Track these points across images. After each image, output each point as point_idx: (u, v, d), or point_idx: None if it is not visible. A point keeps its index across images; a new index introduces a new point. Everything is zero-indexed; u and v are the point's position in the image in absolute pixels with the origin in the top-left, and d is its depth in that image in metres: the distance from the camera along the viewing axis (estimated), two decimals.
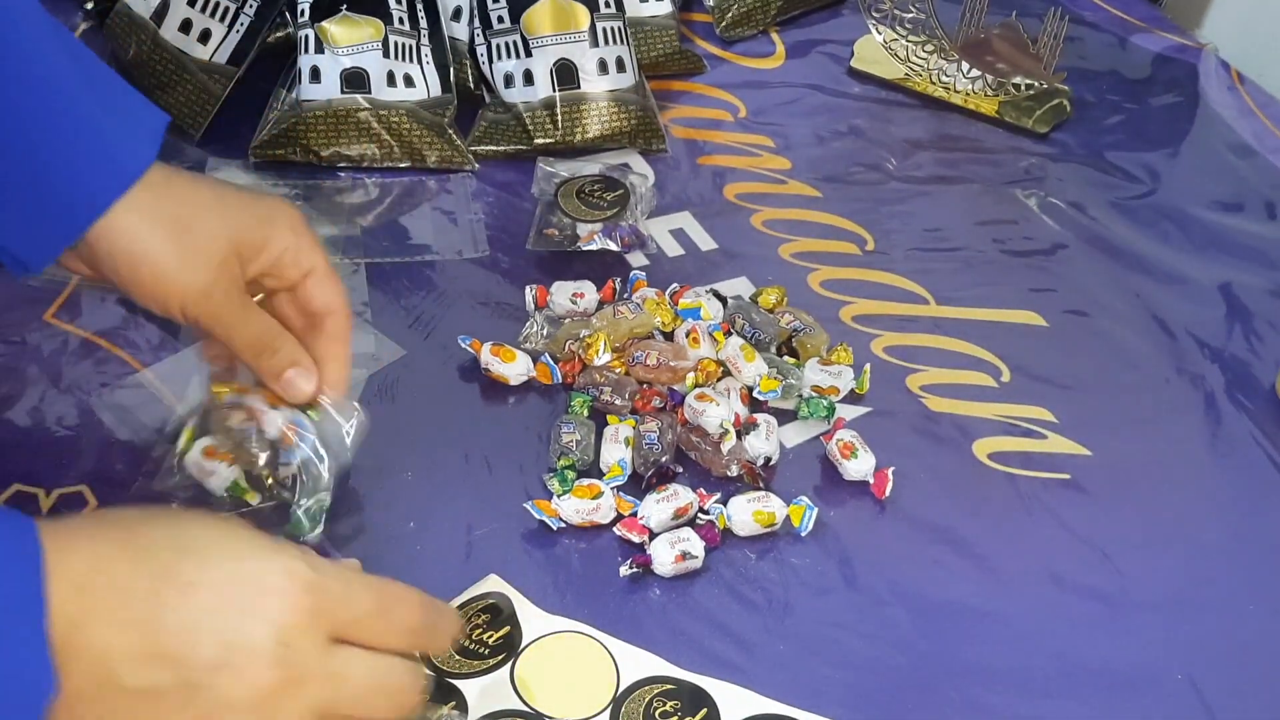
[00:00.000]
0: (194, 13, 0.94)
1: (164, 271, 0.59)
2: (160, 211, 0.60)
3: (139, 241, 0.59)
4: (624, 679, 0.62)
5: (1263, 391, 0.83)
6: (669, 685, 0.62)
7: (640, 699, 0.61)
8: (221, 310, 0.61)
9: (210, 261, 0.60)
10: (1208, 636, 0.68)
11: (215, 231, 0.61)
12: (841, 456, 0.73)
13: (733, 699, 0.61)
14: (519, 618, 0.63)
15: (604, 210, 0.87)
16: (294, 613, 0.47)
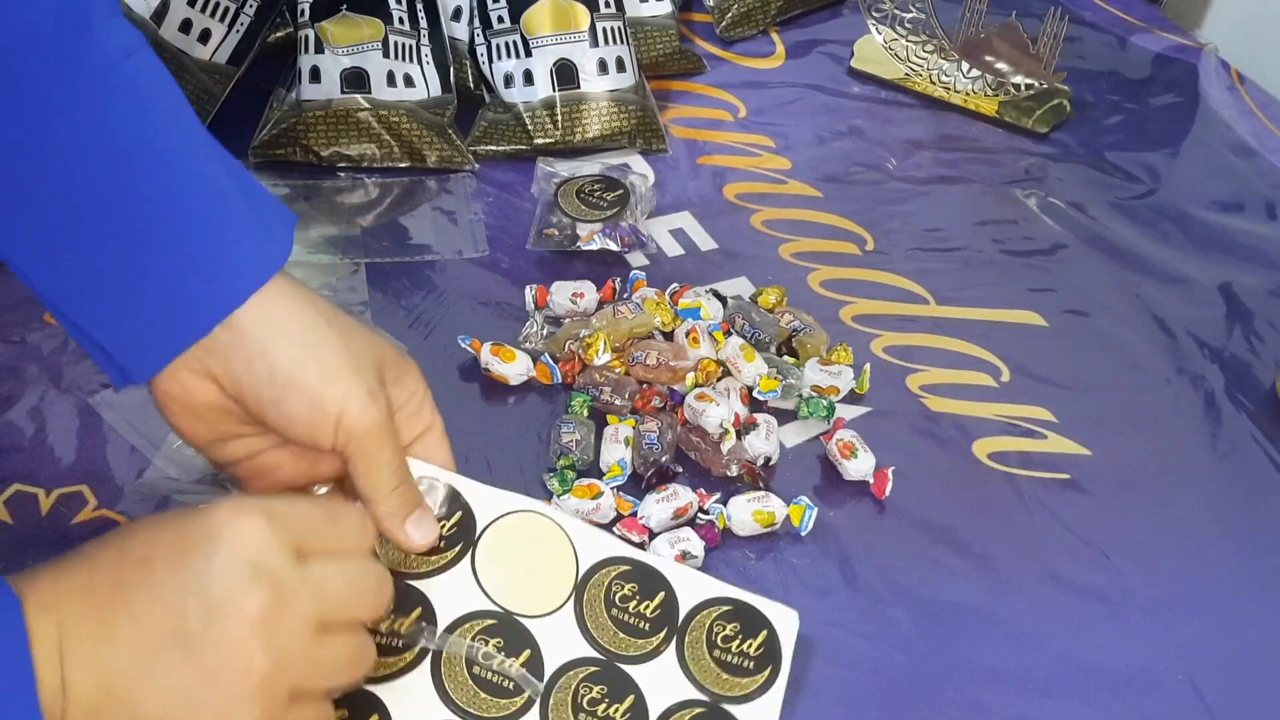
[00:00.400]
0: (194, 13, 0.94)
1: (333, 372, 0.54)
2: (317, 306, 0.55)
3: (305, 332, 0.54)
4: (582, 562, 0.60)
5: (1263, 391, 0.84)
6: (626, 566, 0.60)
7: (600, 583, 0.60)
8: (383, 425, 0.55)
9: (370, 366, 0.55)
10: (1208, 636, 0.68)
11: (370, 341, 0.57)
12: (841, 456, 0.73)
13: (688, 581, 0.61)
14: (467, 501, 0.60)
15: (604, 210, 0.87)
16: (253, 536, 0.47)
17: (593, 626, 0.59)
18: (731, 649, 0.59)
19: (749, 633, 0.60)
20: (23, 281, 0.54)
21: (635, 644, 0.59)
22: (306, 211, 0.89)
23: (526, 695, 0.56)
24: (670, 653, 0.59)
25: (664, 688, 0.58)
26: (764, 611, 0.61)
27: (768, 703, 0.59)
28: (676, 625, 0.59)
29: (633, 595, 0.60)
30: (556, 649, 0.58)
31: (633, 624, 0.59)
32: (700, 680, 0.59)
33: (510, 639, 0.57)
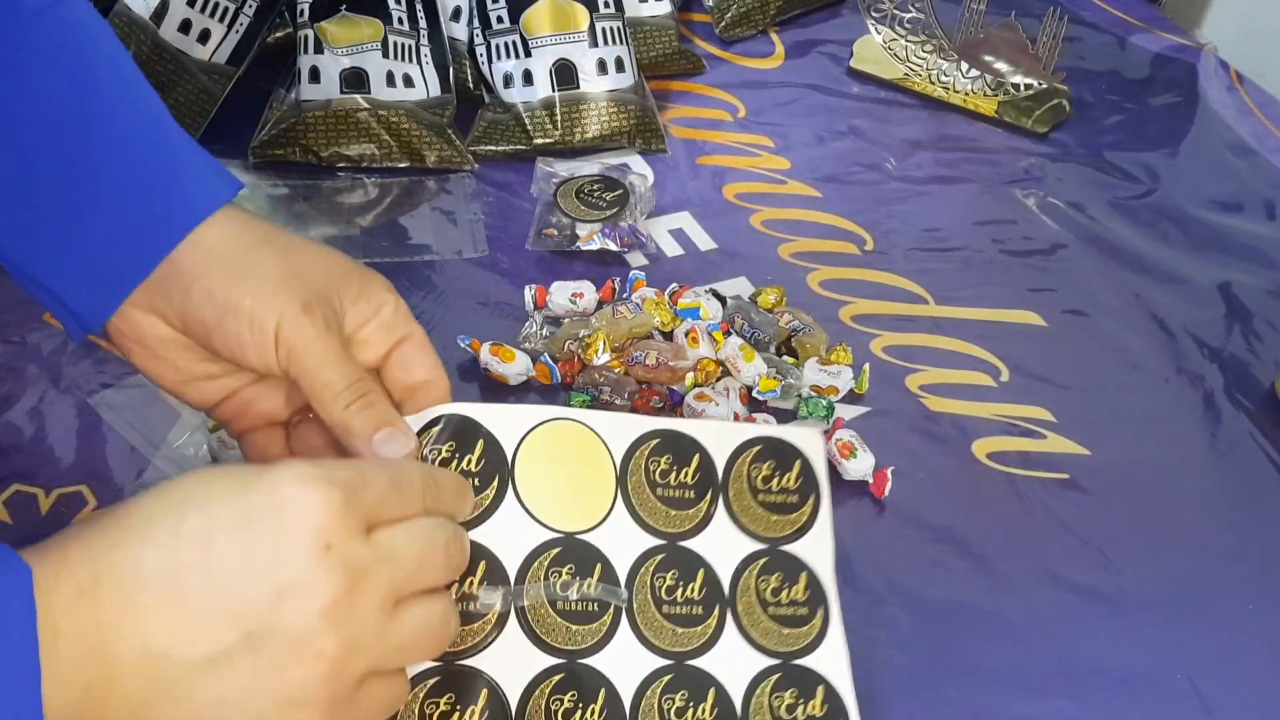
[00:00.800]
0: (193, 13, 0.94)
1: (265, 283, 0.53)
2: (261, 228, 0.55)
3: (243, 255, 0.54)
4: (615, 453, 0.59)
5: (1262, 391, 0.84)
6: (655, 440, 0.59)
7: (638, 467, 0.59)
8: (318, 339, 0.53)
9: (311, 282, 0.54)
10: (1208, 636, 0.68)
11: (317, 259, 0.56)
12: (841, 456, 0.73)
13: (715, 433, 0.61)
14: (489, 429, 0.58)
15: (603, 210, 0.87)
16: (322, 513, 0.45)
17: (646, 514, 0.58)
18: (773, 488, 0.60)
19: (784, 466, 0.60)
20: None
21: (687, 516, 0.59)
22: (306, 212, 0.89)
23: (612, 607, 0.56)
24: (720, 513, 0.59)
25: (725, 551, 0.59)
26: (790, 440, 0.62)
27: (820, 530, 0.60)
28: (718, 483, 0.60)
29: (670, 467, 0.59)
30: (622, 551, 0.57)
31: (678, 496, 0.59)
32: (754, 530, 0.59)
33: (580, 561, 0.56)
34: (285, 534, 0.44)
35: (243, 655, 0.43)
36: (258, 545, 0.44)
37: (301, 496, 0.45)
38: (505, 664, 0.53)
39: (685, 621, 0.57)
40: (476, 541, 0.55)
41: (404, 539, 0.48)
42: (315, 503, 0.45)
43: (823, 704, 0.57)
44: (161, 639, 0.42)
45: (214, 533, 0.44)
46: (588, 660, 0.55)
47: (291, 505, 0.45)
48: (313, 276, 0.55)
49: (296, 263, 0.55)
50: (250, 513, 0.44)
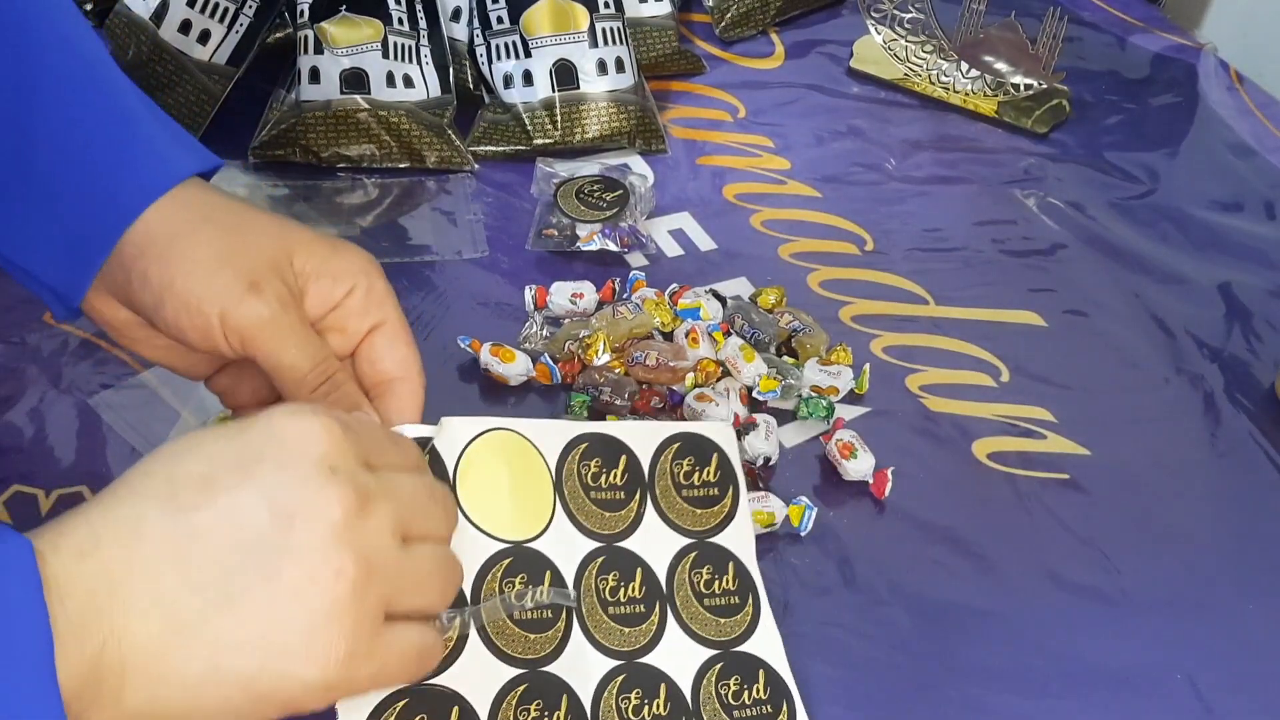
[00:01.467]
0: (193, 13, 0.94)
1: (201, 266, 0.50)
2: (208, 206, 0.52)
3: (175, 235, 0.51)
4: (549, 459, 0.59)
5: (1262, 391, 0.84)
6: (584, 444, 0.60)
7: (571, 471, 0.59)
8: (274, 318, 0.50)
9: (260, 259, 0.51)
10: (1208, 636, 0.68)
11: (268, 229, 0.52)
12: (841, 456, 0.73)
13: (638, 433, 0.62)
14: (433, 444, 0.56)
15: (603, 210, 0.87)
16: (324, 439, 0.44)
17: (583, 518, 0.59)
18: (695, 483, 0.63)
19: (703, 461, 0.63)
20: None
21: (620, 517, 0.60)
22: (306, 212, 0.89)
23: (564, 613, 0.57)
24: (650, 511, 0.61)
25: (659, 548, 0.61)
26: (705, 434, 0.64)
27: (741, 520, 0.63)
28: (645, 482, 0.62)
29: (600, 470, 0.60)
30: (567, 556, 0.58)
31: (610, 498, 0.60)
32: (682, 525, 0.62)
33: (531, 569, 0.57)
34: (288, 461, 0.43)
35: (259, 587, 0.42)
36: (262, 477, 0.43)
37: (301, 426, 0.44)
38: (472, 679, 0.54)
39: (630, 621, 0.59)
40: None
41: (404, 479, 0.47)
42: (316, 430, 0.44)
43: (765, 686, 0.59)
44: (172, 584, 0.41)
45: (214, 473, 0.43)
46: (547, 668, 0.56)
47: (291, 434, 0.44)
48: (262, 252, 0.51)
49: (243, 239, 0.51)
50: (249, 449, 0.43)
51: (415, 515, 0.47)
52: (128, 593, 0.41)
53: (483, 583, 0.55)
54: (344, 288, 0.53)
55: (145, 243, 0.51)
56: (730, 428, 0.65)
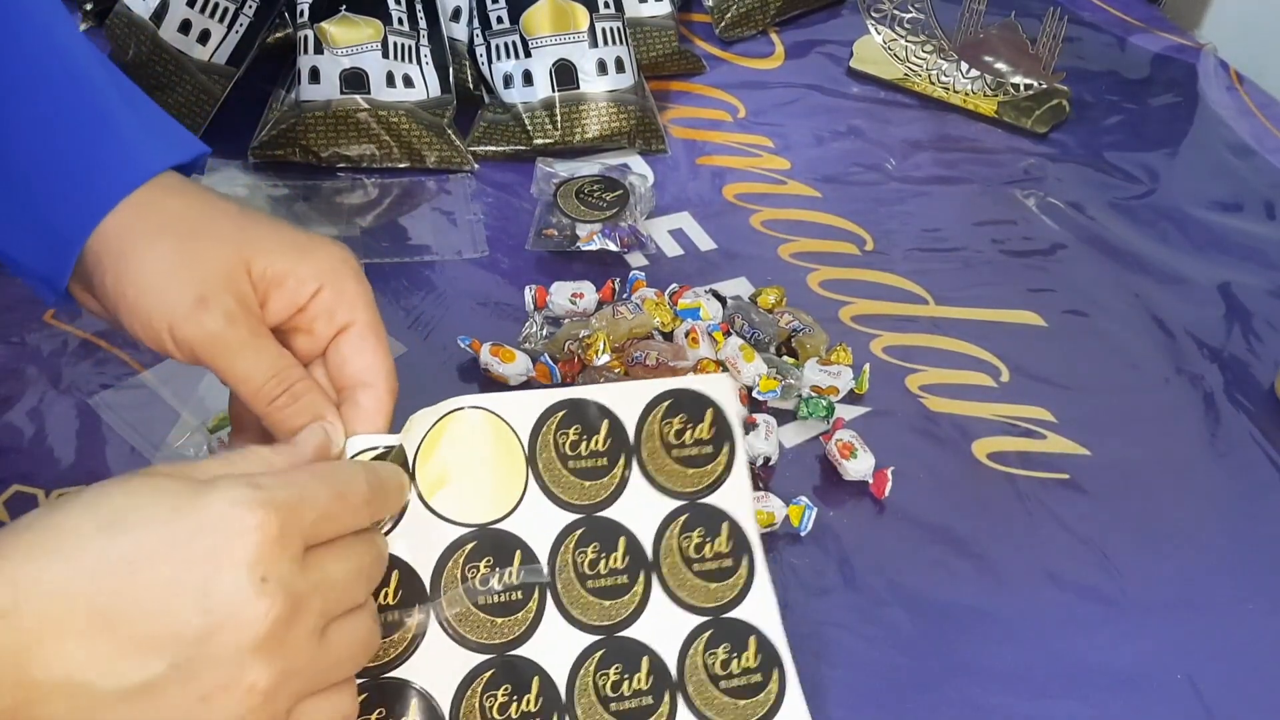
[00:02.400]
0: (193, 13, 0.94)
1: (150, 280, 0.49)
2: (165, 214, 0.51)
3: (129, 245, 0.50)
4: (521, 432, 0.56)
5: (1262, 391, 0.84)
6: (561, 411, 0.56)
7: (547, 443, 0.56)
8: (222, 333, 0.49)
9: (212, 270, 0.50)
10: (1208, 636, 0.68)
11: (226, 237, 0.51)
12: (841, 456, 0.73)
13: (623, 395, 0.58)
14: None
15: (603, 210, 0.87)
16: (258, 543, 0.42)
17: (560, 491, 0.56)
18: (686, 441, 0.58)
19: (696, 418, 0.58)
20: None
21: (601, 485, 0.56)
22: (306, 212, 0.89)
23: (536, 593, 0.54)
24: (635, 475, 0.57)
25: (644, 513, 0.57)
26: (700, 389, 0.59)
27: (737, 478, 0.58)
28: (630, 446, 0.57)
29: (580, 438, 0.56)
30: (540, 532, 0.55)
31: (591, 466, 0.56)
32: (670, 487, 0.57)
33: (497, 551, 0.54)
34: (219, 563, 0.42)
35: (171, 686, 0.41)
36: (190, 573, 0.42)
37: (238, 523, 0.42)
38: (433, 669, 0.52)
39: (611, 593, 0.55)
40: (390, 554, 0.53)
41: (338, 563, 0.46)
42: (251, 531, 0.42)
43: (756, 654, 0.56)
44: (86, 666, 0.41)
45: (144, 559, 0.41)
46: (517, 651, 0.53)
47: (226, 532, 0.42)
48: (216, 262, 0.50)
49: (196, 248, 0.50)
50: (183, 538, 0.42)
51: (341, 597, 0.46)
52: (38, 665, 0.40)
53: (443, 571, 0.53)
54: (310, 289, 0.52)
55: (104, 249, 0.51)
56: (728, 380, 0.60)
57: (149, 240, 0.50)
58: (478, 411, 0.55)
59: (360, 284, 0.53)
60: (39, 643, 0.40)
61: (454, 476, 0.54)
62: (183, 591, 0.41)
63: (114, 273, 0.50)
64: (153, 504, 0.43)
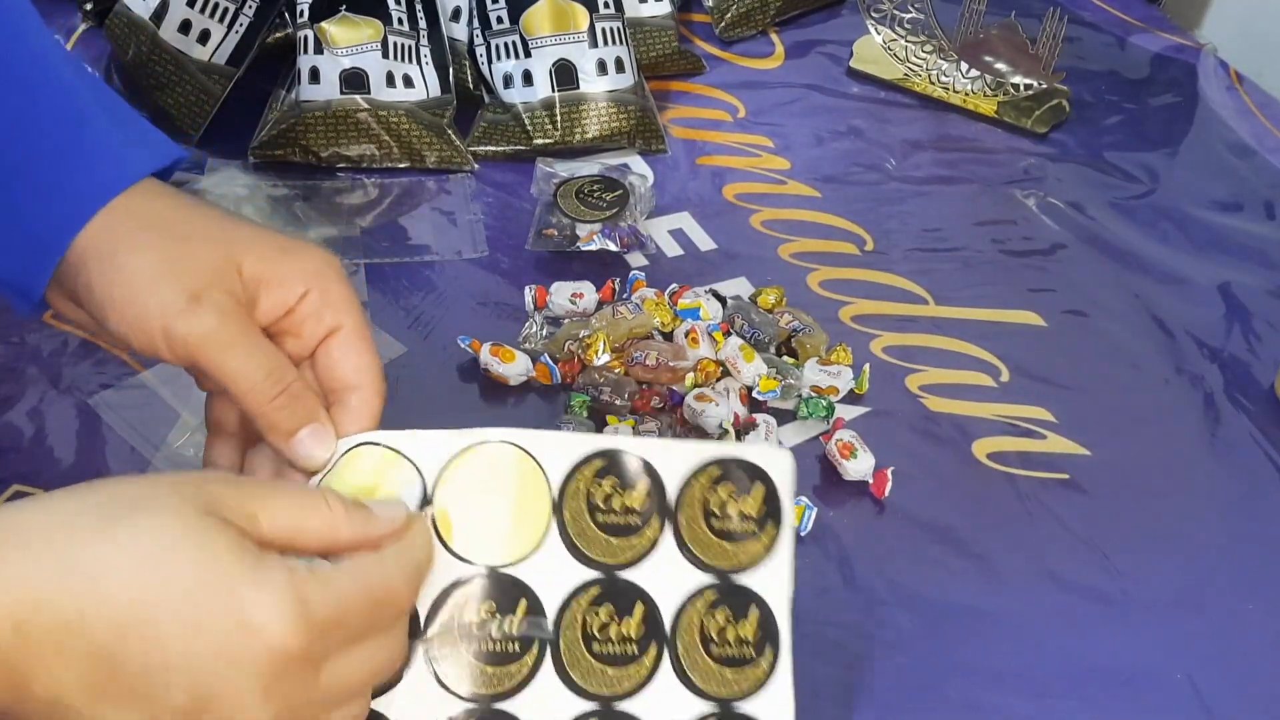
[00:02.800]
0: (193, 13, 0.94)
1: (141, 280, 0.49)
2: (152, 216, 0.51)
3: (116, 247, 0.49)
4: (552, 476, 0.53)
5: (1262, 391, 0.84)
6: (599, 461, 0.53)
7: (578, 491, 0.53)
8: (217, 330, 0.48)
9: (203, 269, 0.49)
10: (1208, 636, 0.68)
11: (214, 238, 0.50)
12: (841, 456, 0.73)
13: (668, 454, 0.54)
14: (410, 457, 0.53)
15: (603, 210, 0.87)
16: (282, 660, 0.42)
17: (582, 544, 0.53)
18: (730, 514, 0.53)
19: (744, 490, 0.54)
20: None
21: (629, 544, 0.53)
22: (306, 212, 0.89)
23: (535, 646, 0.51)
24: (668, 540, 0.53)
25: (670, 582, 0.53)
26: (754, 461, 0.54)
27: (778, 562, 0.54)
28: (668, 508, 0.53)
29: (614, 491, 0.53)
30: (552, 584, 0.52)
31: (622, 523, 0.53)
32: (704, 559, 0.53)
33: (501, 597, 0.52)
34: (235, 662, 0.41)
35: None
36: (203, 659, 0.41)
37: (268, 635, 0.41)
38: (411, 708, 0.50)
39: (617, 661, 0.52)
40: None
41: (351, 670, 0.45)
42: (277, 648, 0.42)
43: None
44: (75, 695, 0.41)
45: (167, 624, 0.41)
46: (503, 705, 0.51)
47: (254, 639, 0.41)
48: (206, 261, 0.50)
49: (186, 248, 0.50)
50: (212, 623, 0.41)
51: (348, 697, 0.46)
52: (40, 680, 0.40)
53: (440, 607, 0.51)
54: (297, 291, 0.51)
55: (88, 253, 0.50)
56: (787, 454, 0.54)
57: (136, 242, 0.50)
58: (508, 447, 0.53)
59: (346, 287, 0.52)
60: (40, 660, 0.40)
61: (471, 511, 0.52)
62: (189, 671, 0.41)
63: (102, 275, 0.49)
64: (202, 571, 0.41)
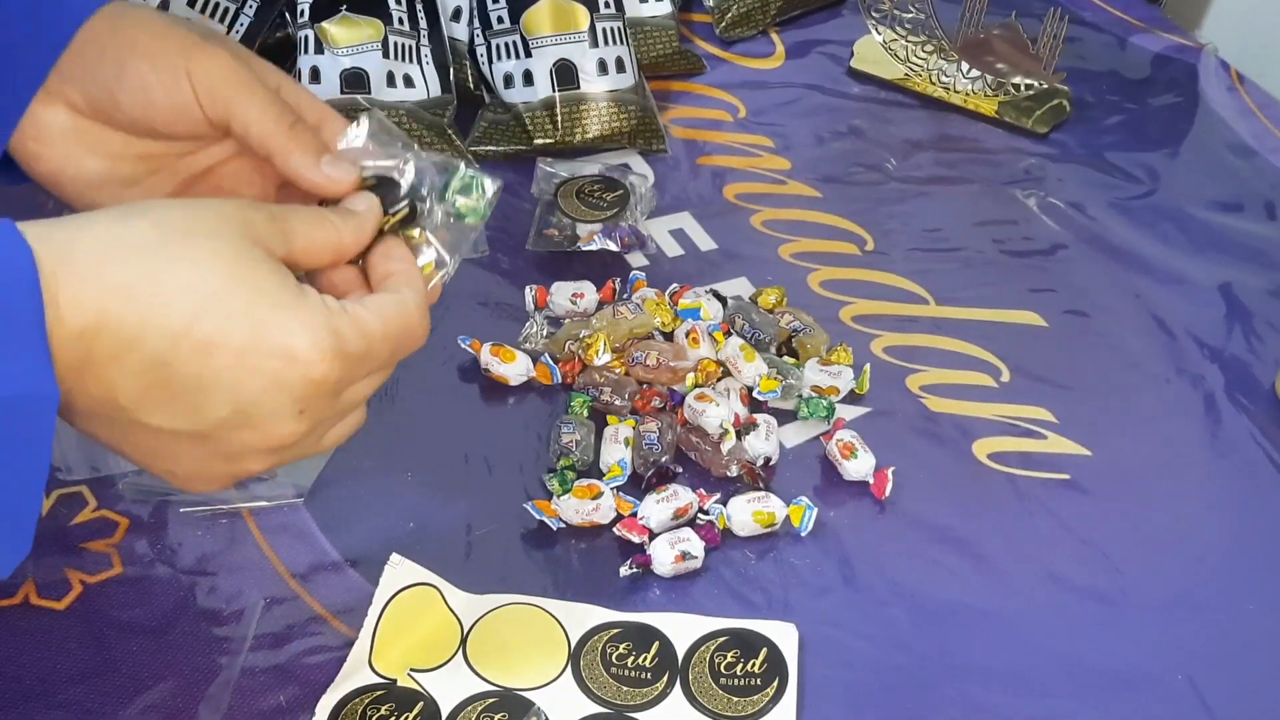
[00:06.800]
0: (193, 14, 0.94)
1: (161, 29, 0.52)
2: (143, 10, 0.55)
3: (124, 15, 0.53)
4: (572, 634, 0.62)
5: (1263, 391, 0.83)
6: (616, 629, 0.62)
7: (594, 648, 0.61)
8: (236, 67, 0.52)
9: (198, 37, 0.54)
10: (1208, 636, 0.68)
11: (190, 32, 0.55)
12: (841, 457, 0.73)
13: (680, 625, 0.63)
14: (452, 607, 0.63)
15: (604, 210, 0.87)
16: (316, 385, 0.47)
17: (594, 686, 0.60)
18: (736, 672, 0.60)
19: (750, 654, 0.61)
20: None
21: (640, 693, 0.60)
22: None
23: None
24: (677, 692, 0.60)
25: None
26: (761, 631, 0.62)
27: (781, 712, 0.60)
28: (677, 667, 0.61)
29: (628, 653, 0.61)
30: (562, 712, 0.59)
31: (633, 676, 0.60)
32: (711, 708, 0.59)
33: (514, 710, 0.58)
34: (274, 387, 0.46)
35: (188, 439, 0.47)
36: (248, 381, 0.46)
37: (306, 365, 0.46)
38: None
39: None
40: (419, 686, 0.60)
41: (364, 391, 0.51)
42: (313, 375, 0.47)
43: None
44: (129, 395, 0.45)
45: (217, 348, 0.45)
46: None
47: (293, 367, 0.46)
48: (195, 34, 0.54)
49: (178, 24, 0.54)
50: (257, 350, 0.46)
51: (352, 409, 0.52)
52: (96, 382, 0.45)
53: (460, 712, 0.58)
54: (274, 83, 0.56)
55: (92, 29, 0.53)
56: (791, 628, 0.63)
57: (137, 10, 0.54)
58: (533, 610, 0.63)
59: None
60: (100, 365, 0.44)
61: (499, 648, 0.61)
62: (234, 388, 0.46)
63: (114, 35, 0.52)
64: (252, 300, 0.46)
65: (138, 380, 0.45)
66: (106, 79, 0.53)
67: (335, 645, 0.62)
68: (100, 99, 0.53)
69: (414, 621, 0.62)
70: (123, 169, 0.55)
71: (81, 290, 0.43)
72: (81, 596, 0.63)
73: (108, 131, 0.54)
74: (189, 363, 0.45)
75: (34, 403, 0.42)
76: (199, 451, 0.48)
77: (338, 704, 0.58)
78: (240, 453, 0.48)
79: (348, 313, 0.49)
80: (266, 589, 0.64)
